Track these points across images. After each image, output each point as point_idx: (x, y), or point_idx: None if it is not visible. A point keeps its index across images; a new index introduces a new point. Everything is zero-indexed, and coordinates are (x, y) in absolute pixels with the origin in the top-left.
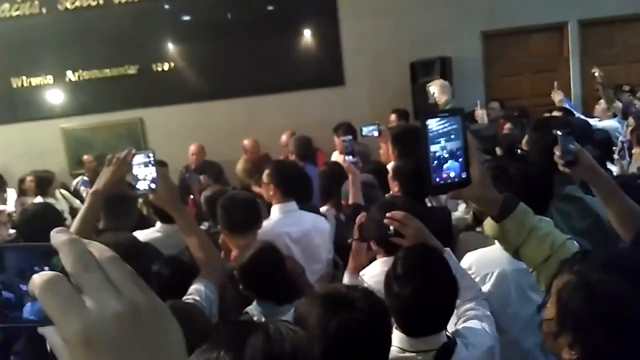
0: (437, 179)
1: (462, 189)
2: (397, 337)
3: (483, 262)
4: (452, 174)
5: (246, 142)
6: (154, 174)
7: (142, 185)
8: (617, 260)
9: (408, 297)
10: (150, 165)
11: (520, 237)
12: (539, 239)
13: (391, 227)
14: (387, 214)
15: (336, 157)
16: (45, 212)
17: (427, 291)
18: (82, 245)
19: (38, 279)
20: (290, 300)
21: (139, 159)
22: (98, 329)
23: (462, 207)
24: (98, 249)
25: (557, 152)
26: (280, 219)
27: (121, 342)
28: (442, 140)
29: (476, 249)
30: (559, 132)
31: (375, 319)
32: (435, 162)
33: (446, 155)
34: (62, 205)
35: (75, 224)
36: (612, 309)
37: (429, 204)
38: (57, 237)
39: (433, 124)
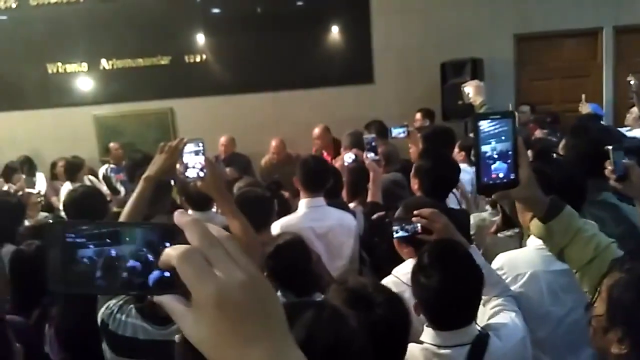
0: (487, 179)
1: (511, 190)
2: (428, 335)
3: (515, 263)
4: (500, 175)
5: (274, 142)
6: (203, 162)
7: (191, 173)
8: None
9: (434, 287)
10: (200, 154)
11: (566, 238)
12: (584, 241)
13: (418, 226)
14: (415, 211)
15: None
16: (93, 195)
17: (453, 280)
18: (204, 225)
19: (174, 250)
20: (310, 293)
21: (189, 147)
22: (228, 294)
23: (487, 209)
24: (215, 229)
25: (609, 166)
26: (306, 214)
27: (245, 306)
28: (493, 141)
29: (503, 252)
30: (609, 147)
31: (392, 328)
32: (486, 162)
33: (496, 156)
34: None
35: (127, 209)
36: None
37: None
38: (181, 217)
39: (485, 125)
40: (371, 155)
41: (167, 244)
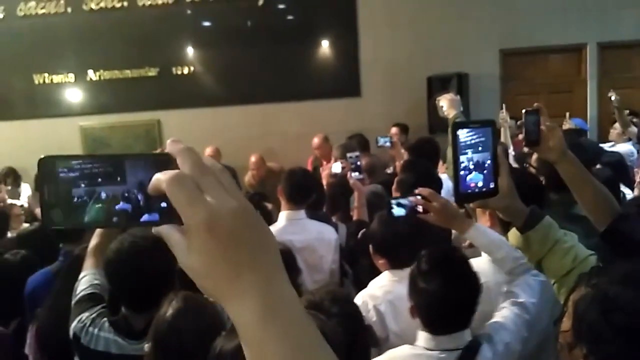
0: (465, 188)
1: (490, 199)
2: (422, 338)
3: None
4: (479, 184)
5: (253, 158)
6: None
7: None
8: (634, 274)
9: (434, 292)
10: None
11: (544, 249)
12: (562, 252)
13: (419, 207)
14: (416, 190)
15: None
16: None
17: (451, 286)
18: (197, 153)
19: (164, 175)
20: None
21: None
22: (219, 219)
23: None
24: (208, 159)
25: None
26: (285, 226)
27: (237, 232)
28: (472, 150)
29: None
30: (523, 111)
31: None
32: (464, 171)
33: (472, 167)
34: None
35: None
36: (627, 321)
37: None
38: (174, 145)
39: (463, 134)
40: (355, 174)
41: None
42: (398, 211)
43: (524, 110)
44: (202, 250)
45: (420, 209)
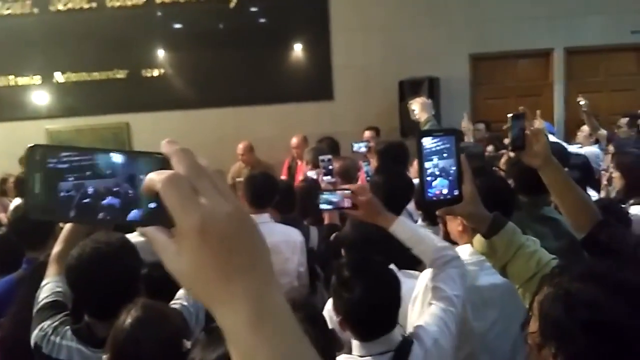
0: (430, 195)
1: (454, 206)
2: (355, 346)
3: None
4: (444, 191)
5: (240, 145)
6: None
7: None
8: (592, 270)
9: (358, 299)
10: None
11: (508, 254)
12: (525, 257)
13: (344, 200)
14: (345, 186)
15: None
16: None
17: (374, 290)
18: (193, 155)
19: (159, 175)
20: None
21: None
22: (213, 223)
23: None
24: (204, 162)
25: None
26: None
27: (230, 237)
28: (435, 158)
29: None
30: (509, 115)
31: None
32: (429, 178)
33: (437, 173)
34: None
35: (67, 227)
36: (590, 316)
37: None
38: (169, 146)
39: (428, 142)
40: (327, 178)
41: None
42: (326, 206)
43: (509, 115)
44: (194, 253)
45: (347, 203)
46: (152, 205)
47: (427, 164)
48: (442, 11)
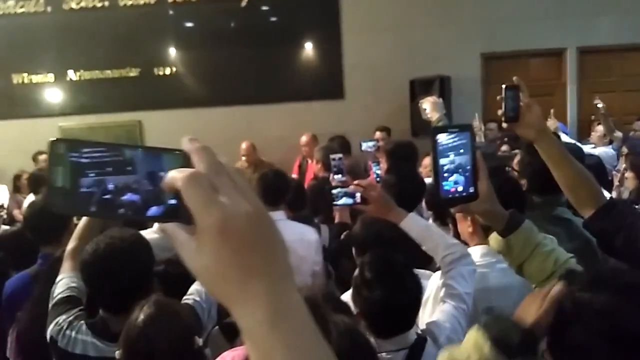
0: (446, 192)
1: (470, 203)
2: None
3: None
4: (459, 188)
5: (243, 145)
6: None
7: None
8: (602, 277)
9: (378, 300)
10: None
11: (525, 253)
12: (543, 256)
13: (357, 195)
14: (355, 182)
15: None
16: None
17: (395, 292)
18: (214, 153)
19: (180, 173)
20: None
21: None
22: (233, 222)
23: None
24: (224, 160)
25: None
26: None
27: (249, 236)
28: (451, 154)
29: None
30: (503, 86)
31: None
32: (445, 174)
33: (453, 169)
34: None
35: (81, 224)
36: (603, 326)
37: None
38: (190, 143)
39: (443, 138)
40: (338, 177)
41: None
42: (344, 200)
43: (503, 85)
44: (213, 252)
45: (359, 199)
46: (172, 201)
47: (442, 160)
48: (453, 10)
